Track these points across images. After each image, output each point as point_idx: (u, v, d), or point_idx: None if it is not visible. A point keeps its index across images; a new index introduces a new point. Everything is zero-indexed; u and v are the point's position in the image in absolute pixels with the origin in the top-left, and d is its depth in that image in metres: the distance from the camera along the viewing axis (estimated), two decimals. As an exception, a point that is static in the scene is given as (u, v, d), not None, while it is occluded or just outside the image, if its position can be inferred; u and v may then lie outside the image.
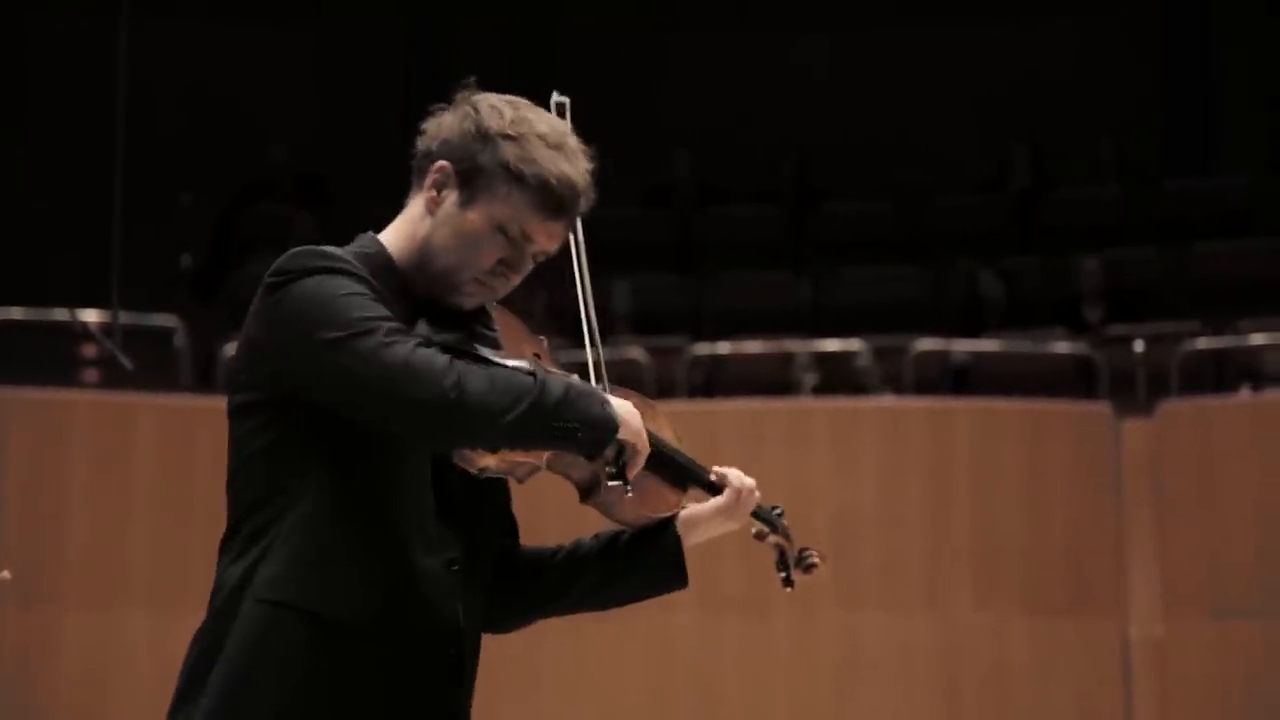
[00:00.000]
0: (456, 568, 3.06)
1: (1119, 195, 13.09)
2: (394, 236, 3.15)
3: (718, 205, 13.56)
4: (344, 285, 2.96)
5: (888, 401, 10.45)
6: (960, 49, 14.20)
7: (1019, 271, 12.29)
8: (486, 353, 3.05)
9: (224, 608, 3.01)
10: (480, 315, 3.15)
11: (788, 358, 11.12)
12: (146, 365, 8.94)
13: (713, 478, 3.39)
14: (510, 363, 3.05)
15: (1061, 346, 11.29)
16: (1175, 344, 10.80)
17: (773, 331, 11.52)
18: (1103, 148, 13.36)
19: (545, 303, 3.45)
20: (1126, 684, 9.53)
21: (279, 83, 14.29)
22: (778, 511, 3.48)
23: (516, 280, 3.14)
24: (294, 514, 2.99)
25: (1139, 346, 10.86)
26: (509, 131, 3.09)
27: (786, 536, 3.46)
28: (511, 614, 3.30)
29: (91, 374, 11.14)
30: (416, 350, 2.90)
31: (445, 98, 3.19)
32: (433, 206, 3.11)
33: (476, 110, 3.12)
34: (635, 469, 3.03)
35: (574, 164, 3.10)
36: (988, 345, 11.28)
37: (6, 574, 4.70)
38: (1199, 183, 13.21)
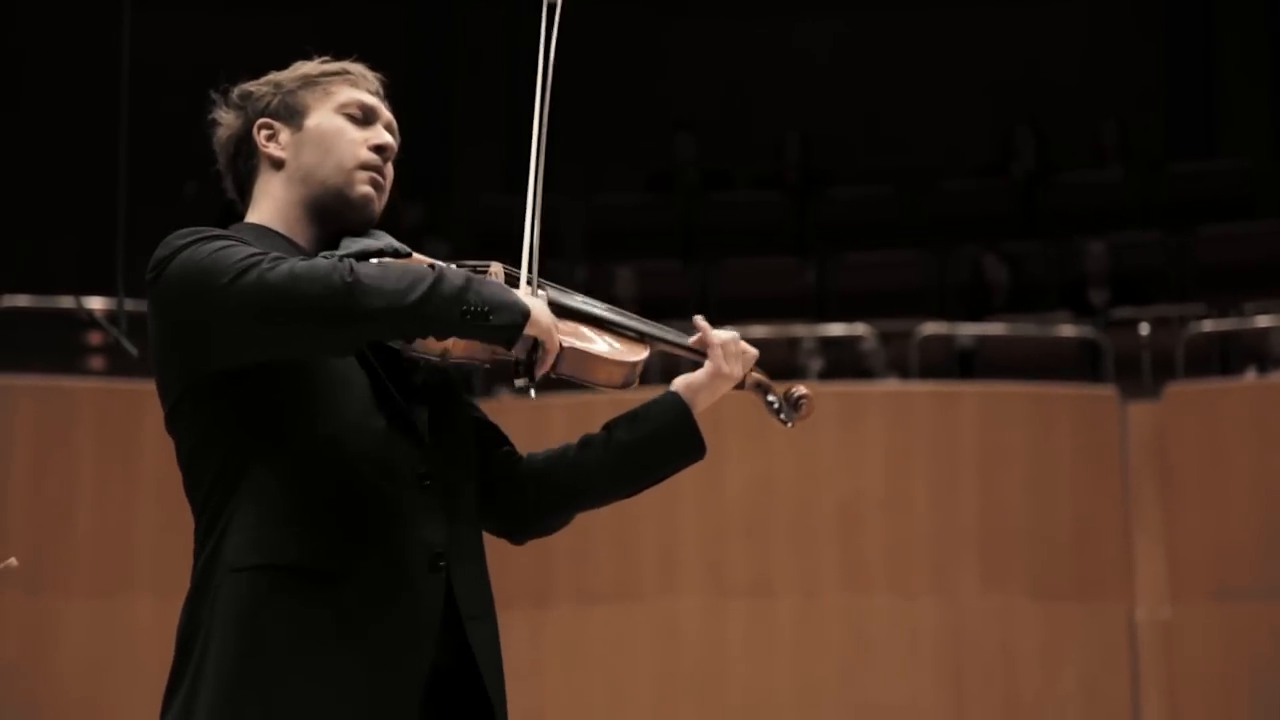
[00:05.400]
0: (429, 483, 3.05)
1: (1123, 178, 13.07)
2: (257, 213, 3.22)
3: (721, 190, 13.54)
4: (212, 245, 2.99)
5: (893, 386, 10.44)
6: (963, 33, 14.18)
7: (1024, 255, 12.28)
8: (392, 263, 3.07)
9: (198, 585, 3.02)
10: (380, 237, 3.17)
11: (793, 343, 11.11)
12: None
13: (688, 340, 3.40)
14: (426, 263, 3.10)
15: (1067, 330, 11.28)
16: (1181, 327, 10.79)
17: (777, 317, 11.51)
18: (1106, 131, 13.33)
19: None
20: (1133, 666, 9.53)
21: (281, 68, 14.29)
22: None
23: (392, 155, 3.21)
24: (243, 487, 2.99)
25: (1144, 330, 10.85)
26: (284, 72, 3.29)
27: (764, 375, 3.47)
28: (528, 518, 3.32)
29: (97, 361, 11.15)
30: (299, 263, 2.92)
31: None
32: (278, 153, 3.20)
33: (249, 85, 3.30)
34: (544, 367, 3.01)
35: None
36: (993, 329, 11.27)
37: (13, 561, 4.71)
38: (1203, 166, 13.19)
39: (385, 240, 3.13)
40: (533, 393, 3.02)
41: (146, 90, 11.01)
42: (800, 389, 3.45)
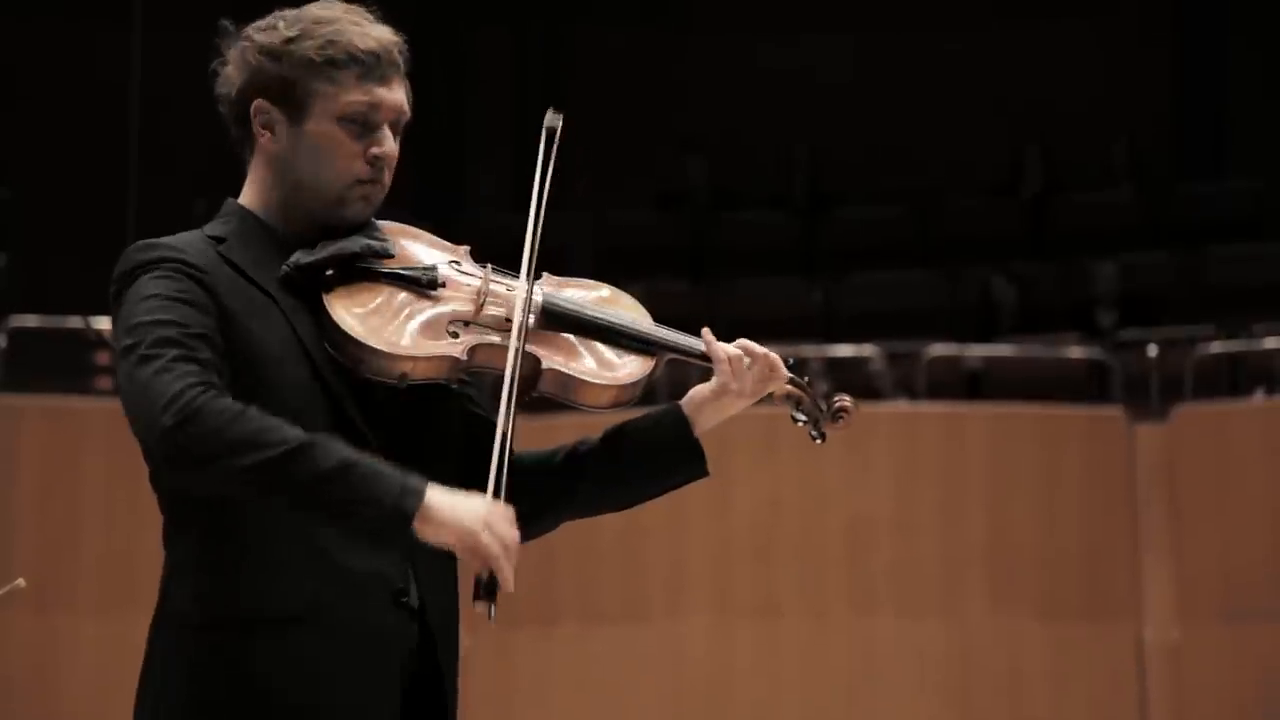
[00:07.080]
0: None
1: (1132, 199, 13.07)
2: (249, 196, 3.06)
3: (731, 210, 13.55)
4: (144, 289, 2.88)
5: (902, 407, 10.43)
6: (973, 53, 14.18)
7: (1032, 276, 12.28)
8: (376, 264, 2.95)
9: (158, 610, 2.95)
10: (366, 230, 3.00)
11: (800, 363, 11.10)
12: (159, 372, 8.94)
13: (700, 346, 3.13)
14: (403, 270, 2.95)
15: (1075, 351, 11.27)
16: (1189, 348, 10.78)
17: (785, 337, 11.47)
18: (1116, 152, 13.34)
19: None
20: (1141, 688, 9.51)
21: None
22: (790, 363, 3.18)
23: (393, 159, 3.01)
24: (196, 516, 2.91)
25: (1153, 351, 10.85)
26: (290, 35, 2.99)
27: (800, 385, 3.16)
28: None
29: (105, 381, 11.15)
30: (163, 372, 2.75)
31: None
32: (271, 146, 3.02)
33: (251, 40, 3.02)
34: (499, 576, 2.72)
35: (364, 26, 3.00)
36: (1001, 350, 11.27)
37: (21, 581, 4.71)
38: (1212, 187, 13.19)
39: (368, 240, 2.98)
40: (491, 615, 2.72)
41: (155, 112, 11.06)
42: (842, 399, 3.13)
